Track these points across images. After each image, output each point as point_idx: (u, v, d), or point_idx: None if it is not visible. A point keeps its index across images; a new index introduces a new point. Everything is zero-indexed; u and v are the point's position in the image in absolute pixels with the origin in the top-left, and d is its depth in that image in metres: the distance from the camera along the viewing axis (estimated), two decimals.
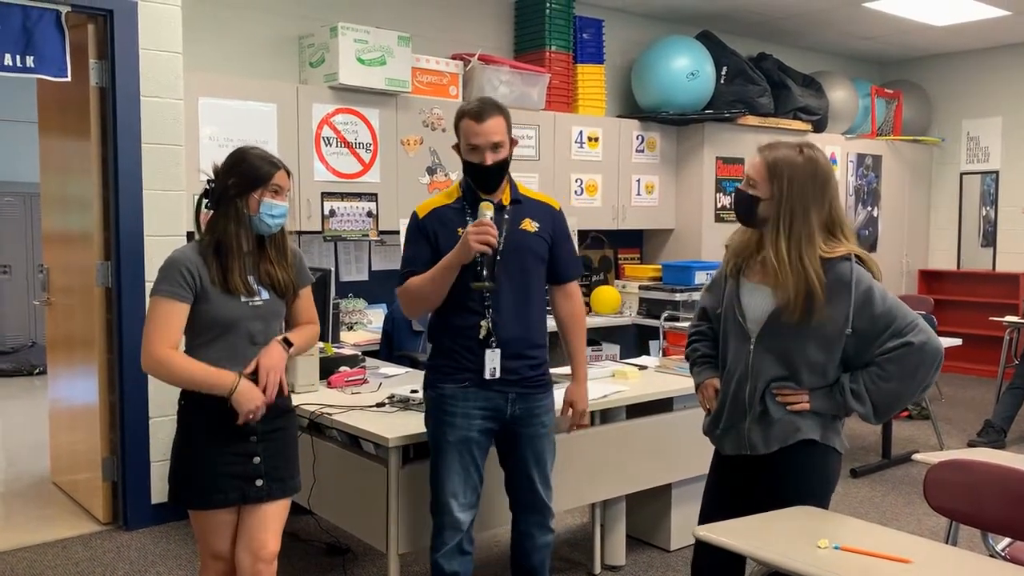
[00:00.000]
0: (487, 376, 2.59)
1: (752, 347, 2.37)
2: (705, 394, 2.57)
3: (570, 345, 2.81)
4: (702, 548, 2.40)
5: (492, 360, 2.59)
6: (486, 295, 2.58)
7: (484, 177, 2.61)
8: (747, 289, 2.41)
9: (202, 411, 2.37)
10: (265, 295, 2.43)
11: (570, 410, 2.80)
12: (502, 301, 2.61)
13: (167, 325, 2.31)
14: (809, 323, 2.28)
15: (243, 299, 2.38)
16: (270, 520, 2.43)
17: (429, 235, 2.64)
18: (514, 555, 2.83)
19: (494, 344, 2.59)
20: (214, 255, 2.35)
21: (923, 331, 2.26)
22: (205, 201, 2.42)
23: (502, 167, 2.62)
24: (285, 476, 2.47)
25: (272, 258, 2.44)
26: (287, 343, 2.45)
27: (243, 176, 2.37)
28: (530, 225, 2.67)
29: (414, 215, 2.72)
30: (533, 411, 2.68)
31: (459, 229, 2.57)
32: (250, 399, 2.33)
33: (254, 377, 2.36)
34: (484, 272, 2.52)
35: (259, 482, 2.41)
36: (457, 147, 2.66)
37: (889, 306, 2.27)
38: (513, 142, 2.65)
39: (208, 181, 2.42)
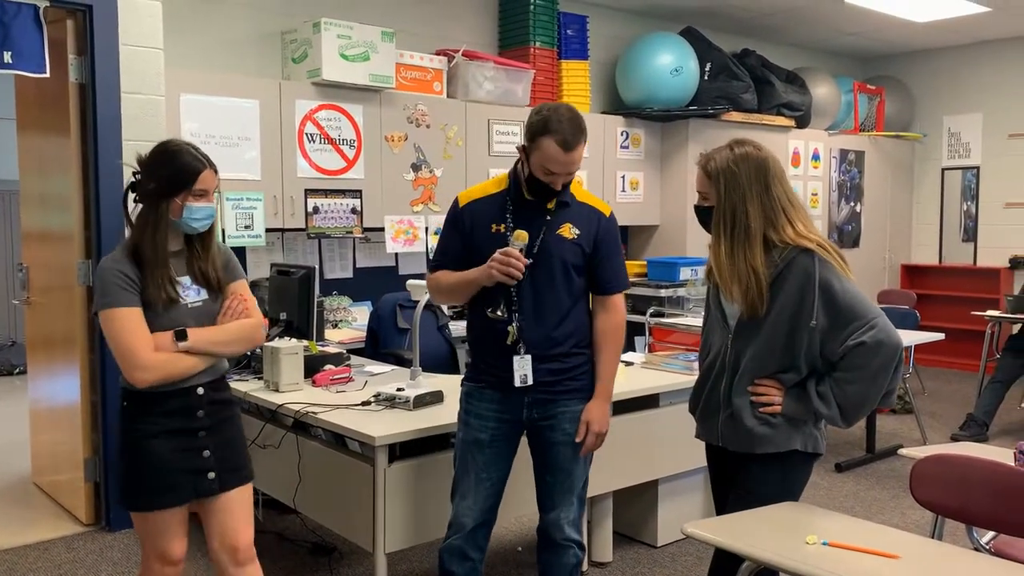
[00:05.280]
0: (517, 383, 2.51)
1: (729, 343, 2.39)
2: None
3: (597, 360, 2.63)
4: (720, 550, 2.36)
5: (521, 367, 2.51)
6: (513, 299, 2.52)
7: (545, 194, 2.53)
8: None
9: (149, 410, 2.32)
10: (204, 295, 2.39)
11: (585, 429, 2.58)
12: (525, 305, 2.52)
13: (135, 331, 2.24)
14: (769, 319, 2.29)
15: (181, 301, 2.33)
16: (236, 508, 2.41)
17: (464, 227, 2.58)
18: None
19: (522, 351, 2.51)
20: (134, 263, 2.28)
21: (880, 329, 2.21)
22: (132, 195, 2.37)
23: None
24: (238, 466, 2.44)
25: (200, 255, 2.39)
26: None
27: (166, 181, 2.29)
28: (568, 231, 2.54)
29: (455, 202, 2.64)
30: (549, 415, 2.57)
31: (492, 225, 2.53)
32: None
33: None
34: (501, 303, 2.49)
35: (211, 475, 2.37)
36: (524, 149, 2.51)
37: (849, 302, 2.23)
38: None
39: (134, 173, 2.36)
